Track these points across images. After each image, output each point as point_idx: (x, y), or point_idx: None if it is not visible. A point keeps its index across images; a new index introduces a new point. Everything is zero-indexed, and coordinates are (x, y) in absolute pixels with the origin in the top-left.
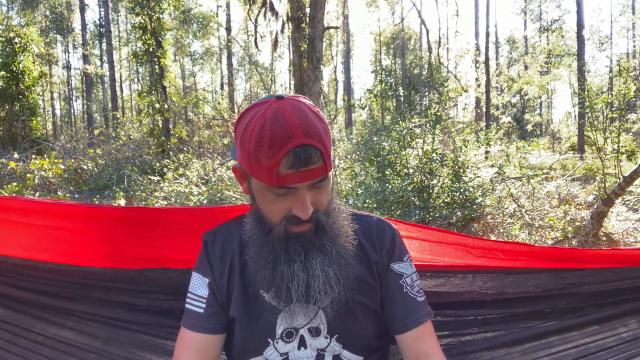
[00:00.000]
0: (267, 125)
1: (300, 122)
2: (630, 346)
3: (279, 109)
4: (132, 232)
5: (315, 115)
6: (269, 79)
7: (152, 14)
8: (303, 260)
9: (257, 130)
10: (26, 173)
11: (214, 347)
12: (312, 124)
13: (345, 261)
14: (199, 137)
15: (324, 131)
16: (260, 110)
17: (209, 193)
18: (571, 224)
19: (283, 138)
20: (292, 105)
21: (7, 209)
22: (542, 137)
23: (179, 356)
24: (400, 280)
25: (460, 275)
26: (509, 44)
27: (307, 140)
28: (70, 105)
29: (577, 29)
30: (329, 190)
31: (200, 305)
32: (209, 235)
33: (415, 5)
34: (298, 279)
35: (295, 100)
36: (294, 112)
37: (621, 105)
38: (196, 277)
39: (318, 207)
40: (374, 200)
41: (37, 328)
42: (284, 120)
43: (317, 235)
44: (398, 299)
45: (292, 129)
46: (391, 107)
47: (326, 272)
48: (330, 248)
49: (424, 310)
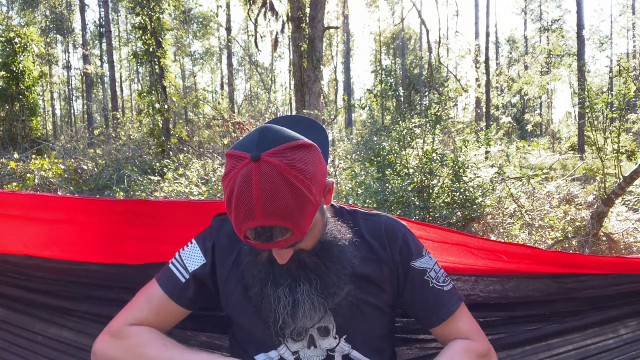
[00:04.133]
0: (233, 194)
1: (264, 200)
2: (630, 347)
3: (247, 179)
4: (134, 226)
5: (289, 187)
6: (269, 79)
7: (152, 14)
8: (289, 284)
9: (228, 194)
10: (26, 173)
11: (174, 316)
12: (278, 202)
13: (334, 290)
14: (199, 137)
15: (295, 206)
16: (234, 169)
17: (209, 193)
18: (571, 224)
19: (244, 216)
20: (261, 174)
21: (7, 204)
22: (542, 137)
23: (137, 304)
24: (425, 276)
25: (463, 278)
26: (509, 44)
27: (269, 221)
28: (70, 105)
29: (577, 29)
30: (315, 234)
31: (184, 275)
32: (217, 222)
33: (415, 5)
34: (284, 302)
35: (270, 165)
36: (261, 185)
37: (621, 105)
38: (194, 248)
39: (302, 248)
40: (374, 200)
41: (37, 328)
42: (248, 195)
43: (301, 269)
44: (427, 295)
45: (254, 208)
46: (391, 107)
47: (311, 300)
48: (316, 281)
49: (454, 297)
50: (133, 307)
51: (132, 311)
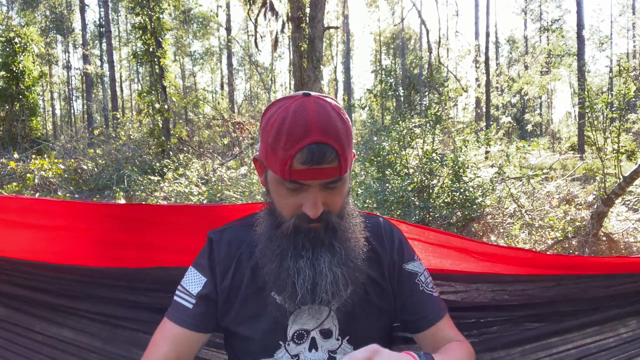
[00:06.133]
0: (287, 119)
1: (320, 120)
2: (630, 346)
3: (302, 105)
4: (133, 230)
5: (339, 116)
6: (269, 79)
7: (152, 14)
8: (310, 257)
9: (278, 122)
10: (26, 173)
11: (192, 344)
12: (333, 123)
13: (354, 264)
14: (199, 137)
15: (344, 133)
16: (285, 105)
17: (209, 193)
18: (571, 224)
19: (301, 133)
20: (316, 103)
21: (7, 209)
22: (542, 137)
23: (154, 344)
24: (416, 279)
25: (462, 281)
26: (509, 44)
27: (324, 138)
28: (70, 105)
29: (577, 29)
30: (344, 192)
31: (190, 301)
32: (216, 234)
33: (415, 5)
34: (304, 275)
35: (321, 99)
36: (317, 109)
37: (621, 105)
38: (192, 273)
39: (330, 208)
40: (374, 200)
41: (38, 327)
42: (304, 116)
43: (327, 235)
44: (417, 298)
45: (311, 125)
46: (391, 107)
47: (334, 272)
48: (340, 249)
49: (441, 304)
50: (151, 349)
51: (152, 354)
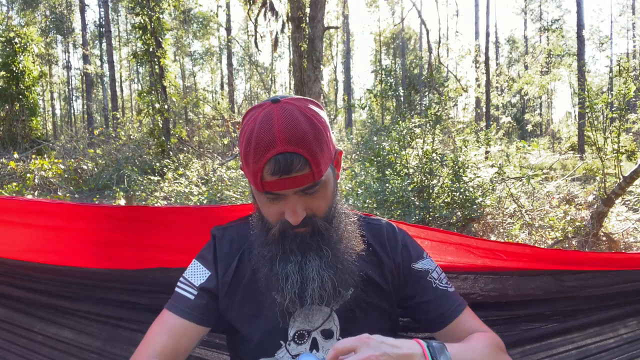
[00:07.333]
0: (255, 130)
1: (286, 129)
2: (630, 347)
3: (268, 114)
4: (132, 232)
5: (307, 120)
6: (269, 79)
7: (152, 14)
8: (299, 261)
9: (247, 135)
10: (26, 173)
11: (191, 337)
12: (300, 130)
13: (344, 267)
14: (199, 137)
15: (314, 137)
16: (254, 115)
17: (209, 193)
18: (571, 224)
19: (266, 144)
20: (283, 110)
21: (6, 210)
22: (542, 137)
23: (152, 335)
24: (427, 277)
25: (462, 277)
26: (509, 44)
27: (289, 147)
28: (70, 105)
29: (577, 29)
30: (328, 195)
31: (192, 292)
32: (219, 231)
33: (415, 5)
34: (292, 279)
35: (290, 104)
36: (283, 117)
37: (621, 105)
38: (196, 265)
39: (315, 212)
40: (374, 200)
41: (37, 328)
42: (269, 126)
43: (314, 239)
44: (431, 295)
45: (276, 135)
46: (391, 107)
47: (322, 276)
48: (327, 252)
49: (458, 298)
50: (149, 339)
51: (150, 344)
